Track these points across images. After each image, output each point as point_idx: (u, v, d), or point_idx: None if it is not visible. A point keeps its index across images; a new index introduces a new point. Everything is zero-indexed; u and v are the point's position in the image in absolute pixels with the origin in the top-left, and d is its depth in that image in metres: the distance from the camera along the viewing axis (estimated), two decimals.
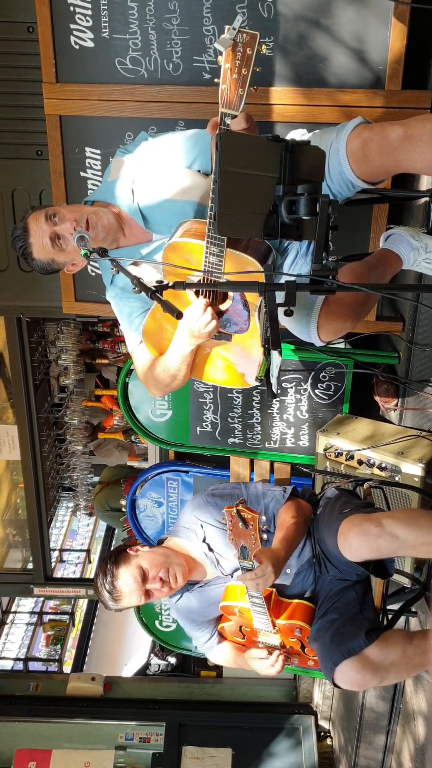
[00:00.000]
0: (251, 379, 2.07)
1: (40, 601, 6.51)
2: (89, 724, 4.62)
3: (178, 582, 2.31)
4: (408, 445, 2.60)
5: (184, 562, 2.37)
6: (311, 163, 1.51)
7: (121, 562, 2.30)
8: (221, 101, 1.62)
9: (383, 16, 2.33)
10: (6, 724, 4.61)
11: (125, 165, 2.05)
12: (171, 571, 2.30)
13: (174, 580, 2.30)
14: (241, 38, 1.53)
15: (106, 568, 2.30)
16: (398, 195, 2.53)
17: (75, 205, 2.05)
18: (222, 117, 1.64)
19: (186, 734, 4.47)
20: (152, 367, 2.08)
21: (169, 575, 2.29)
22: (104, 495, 5.22)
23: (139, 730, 4.57)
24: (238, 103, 1.61)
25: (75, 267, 2.10)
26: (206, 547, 2.40)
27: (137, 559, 2.31)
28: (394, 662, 2.08)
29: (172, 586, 2.30)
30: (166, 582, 2.29)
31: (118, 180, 2.05)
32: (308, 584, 2.34)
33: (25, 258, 2.04)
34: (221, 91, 1.60)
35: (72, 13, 2.48)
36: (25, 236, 1.99)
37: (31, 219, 1.99)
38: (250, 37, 1.53)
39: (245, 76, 1.57)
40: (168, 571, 2.30)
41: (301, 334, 2.06)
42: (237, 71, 1.56)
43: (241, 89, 1.59)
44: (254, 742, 4.42)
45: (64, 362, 4.39)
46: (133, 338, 2.12)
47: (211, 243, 1.76)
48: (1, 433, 4.22)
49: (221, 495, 2.49)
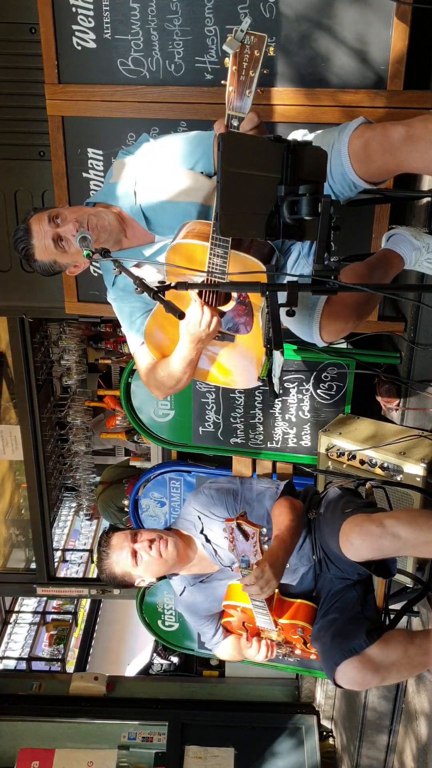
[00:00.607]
0: (253, 380, 2.08)
1: (43, 600, 6.52)
2: (92, 724, 4.63)
3: (168, 549, 2.34)
4: (410, 445, 2.60)
5: (179, 540, 2.41)
6: (313, 163, 1.51)
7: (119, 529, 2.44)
8: (228, 103, 1.61)
9: (385, 16, 2.33)
10: (9, 724, 4.62)
11: (127, 166, 2.05)
12: (162, 538, 2.35)
13: (164, 546, 2.34)
14: (248, 40, 1.53)
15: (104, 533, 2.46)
16: (400, 195, 2.53)
17: (77, 207, 2.05)
18: (229, 119, 1.64)
19: (189, 734, 4.47)
20: (155, 370, 2.08)
21: (159, 542, 2.34)
22: (108, 495, 5.23)
23: (142, 730, 4.58)
24: (246, 105, 1.61)
25: (77, 269, 2.10)
26: (204, 538, 2.42)
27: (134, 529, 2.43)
28: (396, 662, 2.08)
29: (161, 551, 2.33)
30: (155, 543, 2.33)
31: (120, 181, 2.05)
32: (309, 582, 2.34)
33: (27, 259, 2.04)
34: (228, 93, 1.60)
35: (74, 14, 2.48)
36: (28, 237, 1.99)
37: (34, 220, 2.00)
38: (257, 39, 1.53)
39: (252, 78, 1.57)
40: (160, 538, 2.35)
41: (304, 335, 2.06)
42: (244, 73, 1.56)
43: (248, 91, 1.59)
44: (257, 742, 4.42)
45: (66, 362, 4.40)
46: (135, 340, 2.12)
47: (215, 245, 1.76)
48: (4, 434, 4.23)
49: (217, 489, 2.54)
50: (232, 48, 1.53)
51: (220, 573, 2.45)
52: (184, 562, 2.44)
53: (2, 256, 3.16)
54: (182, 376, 2.02)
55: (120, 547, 2.35)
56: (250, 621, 2.32)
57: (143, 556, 2.32)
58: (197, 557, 2.46)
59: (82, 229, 1.91)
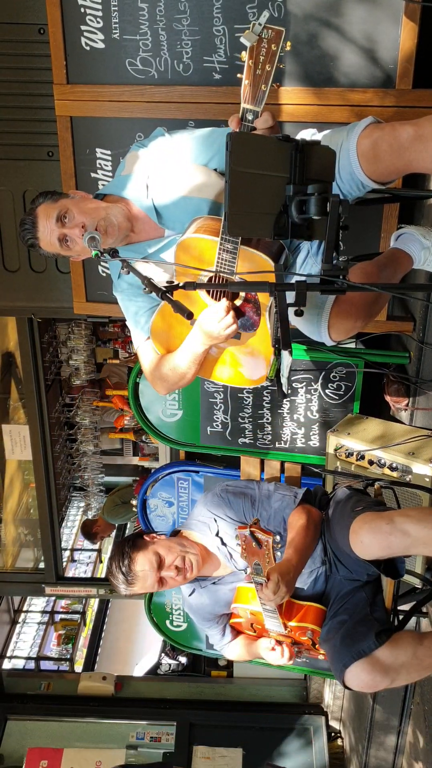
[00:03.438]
0: (259, 378, 2.07)
1: (52, 600, 6.53)
2: (100, 723, 4.64)
3: (193, 571, 2.32)
4: (419, 445, 2.59)
5: (199, 553, 2.38)
6: (321, 162, 1.50)
7: (139, 547, 2.31)
8: (243, 96, 1.61)
9: (394, 14, 2.32)
10: (18, 723, 4.64)
11: (140, 160, 2.03)
12: (187, 560, 2.31)
13: (189, 569, 2.31)
14: (266, 34, 1.52)
15: (123, 551, 2.31)
16: (409, 194, 2.52)
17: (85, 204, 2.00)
18: (243, 113, 1.63)
19: (197, 734, 4.47)
20: (159, 365, 2.08)
21: (185, 563, 2.30)
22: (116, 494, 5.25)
23: (150, 730, 4.58)
24: (261, 99, 1.60)
25: (80, 257, 2.10)
26: (219, 541, 2.41)
27: (154, 545, 2.32)
28: (405, 663, 2.08)
29: (186, 575, 2.31)
30: (182, 570, 2.29)
31: (133, 174, 2.03)
32: (320, 585, 2.34)
33: (32, 247, 2.04)
34: (243, 87, 1.59)
35: (82, 14, 2.49)
36: (34, 231, 1.98)
37: (41, 213, 1.97)
38: (275, 33, 1.53)
39: (269, 72, 1.56)
40: (184, 559, 2.31)
41: (312, 334, 2.06)
42: (261, 67, 1.55)
43: (264, 85, 1.58)
44: (265, 742, 4.42)
45: (75, 362, 4.41)
46: (140, 335, 2.12)
47: (225, 240, 1.76)
48: (12, 434, 4.24)
49: (234, 492, 2.51)
50: (250, 41, 1.52)
51: (231, 576, 2.44)
52: (200, 570, 2.43)
53: (11, 256, 3.17)
54: (187, 371, 2.02)
55: (145, 577, 2.29)
56: (259, 623, 2.32)
57: (170, 582, 2.31)
58: (209, 559, 2.45)
59: (90, 229, 1.91)
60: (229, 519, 2.41)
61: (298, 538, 2.19)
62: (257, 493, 2.52)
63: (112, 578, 2.34)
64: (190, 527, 2.50)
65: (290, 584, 2.00)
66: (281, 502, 2.45)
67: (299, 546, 2.16)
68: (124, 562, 2.29)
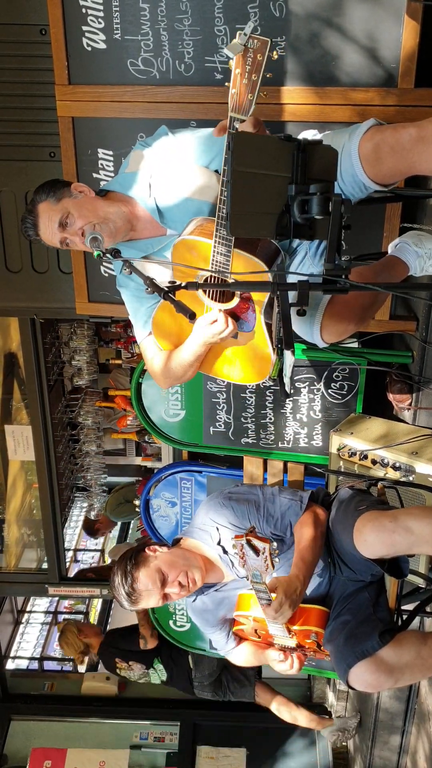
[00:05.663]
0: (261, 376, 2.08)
1: (55, 600, 6.53)
2: (104, 724, 4.64)
3: (196, 585, 2.31)
4: (422, 444, 2.59)
5: (202, 565, 2.37)
6: (324, 162, 1.50)
7: (141, 564, 2.28)
8: (231, 105, 1.62)
9: (396, 13, 2.32)
10: (21, 723, 4.64)
11: (144, 159, 2.04)
12: (190, 575, 2.29)
13: (192, 584, 2.30)
14: (252, 44, 1.53)
15: (125, 569, 2.28)
16: (411, 194, 2.51)
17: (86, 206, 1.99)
18: (231, 121, 1.65)
19: (200, 734, 4.48)
20: (162, 361, 2.12)
21: (188, 579, 2.28)
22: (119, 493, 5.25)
23: (154, 730, 4.59)
24: (248, 108, 1.62)
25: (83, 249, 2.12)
26: (221, 550, 2.39)
27: (156, 561, 2.29)
28: (409, 663, 2.07)
29: (190, 589, 2.31)
30: (185, 586, 2.28)
31: (136, 173, 2.04)
32: (323, 587, 2.33)
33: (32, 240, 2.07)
34: (231, 96, 1.61)
35: (84, 14, 2.49)
36: (35, 230, 2.02)
37: (43, 213, 1.99)
38: (261, 43, 1.53)
39: (255, 81, 1.57)
40: (187, 575, 2.29)
41: (305, 334, 2.07)
42: (247, 77, 1.56)
43: (251, 94, 1.59)
44: (269, 742, 4.41)
45: (77, 363, 4.40)
46: (143, 330, 2.15)
47: (219, 243, 1.77)
48: (15, 434, 4.24)
49: (237, 499, 2.48)
50: (234, 52, 1.53)
51: (234, 582, 2.43)
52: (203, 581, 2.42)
53: (13, 257, 3.17)
54: (189, 368, 2.07)
55: (149, 594, 2.27)
56: (263, 629, 2.31)
57: (173, 597, 2.30)
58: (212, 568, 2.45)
59: (92, 230, 1.92)
60: (231, 526, 2.40)
61: (306, 552, 2.18)
62: (261, 497, 2.50)
63: (115, 595, 2.33)
64: (191, 535, 2.47)
65: (295, 603, 2.01)
66: (288, 508, 2.44)
67: (307, 559, 2.15)
68: (126, 582, 2.26)
